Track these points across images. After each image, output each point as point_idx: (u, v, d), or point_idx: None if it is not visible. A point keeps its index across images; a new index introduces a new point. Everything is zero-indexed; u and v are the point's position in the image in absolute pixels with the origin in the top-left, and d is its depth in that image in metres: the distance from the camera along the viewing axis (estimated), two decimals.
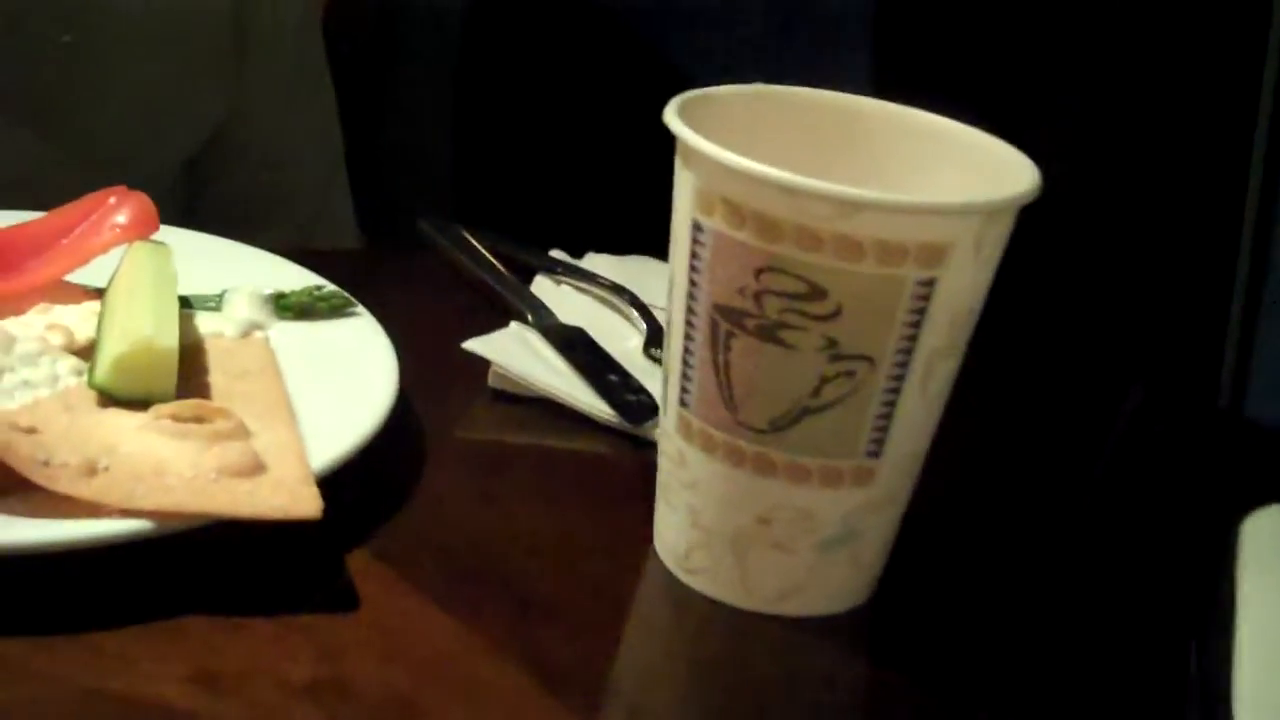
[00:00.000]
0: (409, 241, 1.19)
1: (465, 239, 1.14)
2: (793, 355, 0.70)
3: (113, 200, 0.91)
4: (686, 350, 0.74)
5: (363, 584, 0.74)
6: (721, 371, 0.72)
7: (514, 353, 0.96)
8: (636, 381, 0.95)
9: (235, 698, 0.66)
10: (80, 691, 0.65)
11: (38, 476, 0.69)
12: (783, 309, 0.69)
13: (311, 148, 1.40)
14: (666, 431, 0.77)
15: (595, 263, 1.13)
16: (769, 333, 0.70)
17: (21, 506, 0.70)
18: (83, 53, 1.19)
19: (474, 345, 0.95)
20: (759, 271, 0.69)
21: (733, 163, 0.68)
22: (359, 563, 0.75)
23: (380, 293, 0.97)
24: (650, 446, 0.90)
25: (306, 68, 1.39)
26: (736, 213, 0.69)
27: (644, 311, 1.05)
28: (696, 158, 0.70)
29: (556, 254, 1.14)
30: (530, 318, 1.02)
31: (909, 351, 0.70)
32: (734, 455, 0.73)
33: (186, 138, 1.29)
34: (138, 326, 0.78)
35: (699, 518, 0.76)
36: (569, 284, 1.10)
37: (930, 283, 0.69)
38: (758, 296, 0.69)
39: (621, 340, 1.02)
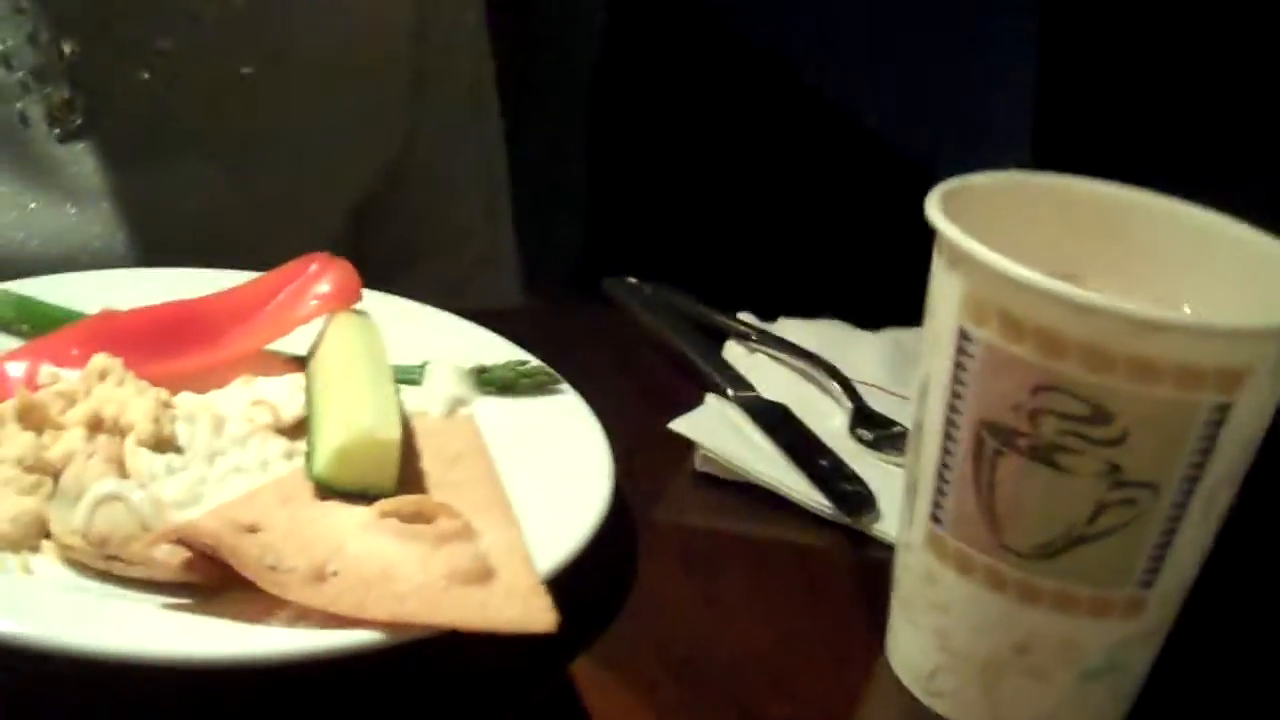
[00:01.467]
0: (579, 292, 1.15)
1: (654, 299, 1.10)
2: (1068, 479, 0.65)
3: (314, 268, 0.88)
4: (944, 464, 0.69)
5: (593, 700, 0.70)
6: (985, 490, 0.67)
7: (720, 434, 0.92)
8: (849, 468, 0.90)
9: None
10: None
11: (266, 582, 0.66)
12: (1061, 430, 0.64)
13: (477, 185, 1.37)
14: (912, 546, 0.72)
15: (788, 329, 1.08)
16: (1043, 454, 0.65)
17: (233, 609, 0.66)
18: (262, 88, 1.16)
19: (680, 426, 0.91)
20: (1037, 389, 0.64)
21: (1017, 275, 0.63)
22: (586, 673, 0.72)
23: (569, 358, 0.94)
24: (867, 541, 0.86)
25: (476, 100, 1.36)
26: (1015, 326, 0.64)
27: (845, 386, 1.00)
28: (970, 263, 0.65)
29: (746, 317, 1.10)
30: (729, 391, 0.97)
31: (1195, 479, 0.65)
32: (994, 579, 0.68)
33: (360, 179, 1.26)
34: (358, 416, 0.75)
35: (948, 641, 0.71)
36: (763, 352, 1.05)
37: (1225, 408, 0.63)
38: (1033, 415, 0.65)
39: (824, 418, 0.97)
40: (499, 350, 0.92)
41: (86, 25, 1.08)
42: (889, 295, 1.13)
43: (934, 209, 0.68)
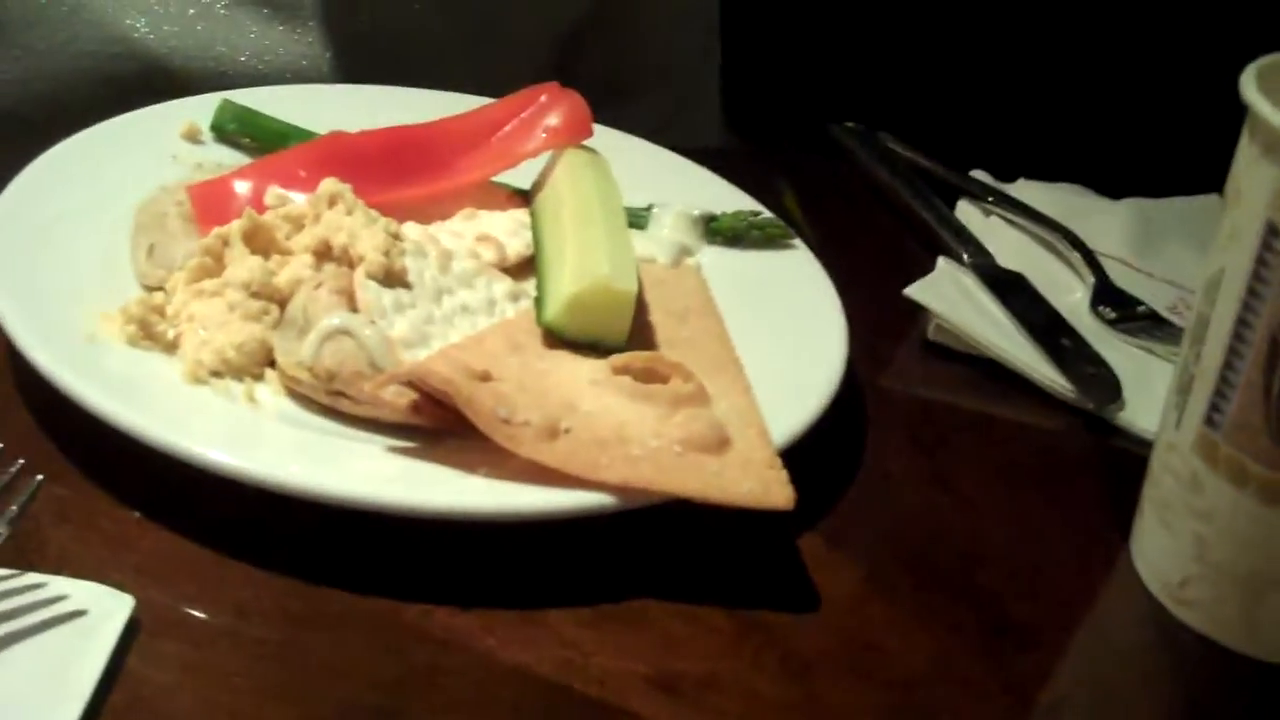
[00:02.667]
0: (789, 137, 1.09)
1: (886, 151, 1.04)
2: None
3: (544, 99, 0.84)
4: (1228, 366, 0.63)
5: (822, 580, 0.67)
6: (1275, 400, 0.62)
7: (956, 302, 0.86)
8: (1091, 349, 0.85)
9: (700, 710, 0.59)
10: (538, 677, 0.59)
11: (499, 435, 0.63)
12: None
13: (689, 18, 1.31)
14: (1177, 447, 0.67)
15: (1026, 191, 1.02)
16: None
17: (456, 458, 0.64)
18: None
19: (916, 292, 0.86)
20: None
21: None
22: (814, 550, 0.68)
23: (798, 200, 0.89)
24: (1109, 430, 0.81)
25: None
26: None
27: (1087, 258, 0.94)
28: None
29: (980, 175, 1.03)
30: (965, 256, 0.92)
31: None
32: (1271, 493, 0.63)
33: (570, 4, 1.20)
34: (594, 264, 0.71)
35: (1207, 551, 0.66)
36: (998, 215, 0.99)
37: None
38: None
39: (1063, 291, 0.91)
40: (728, 197, 0.88)
41: None
42: (1133, 162, 1.05)
43: (1250, 87, 0.61)
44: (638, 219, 0.84)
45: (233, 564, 0.61)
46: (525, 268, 0.78)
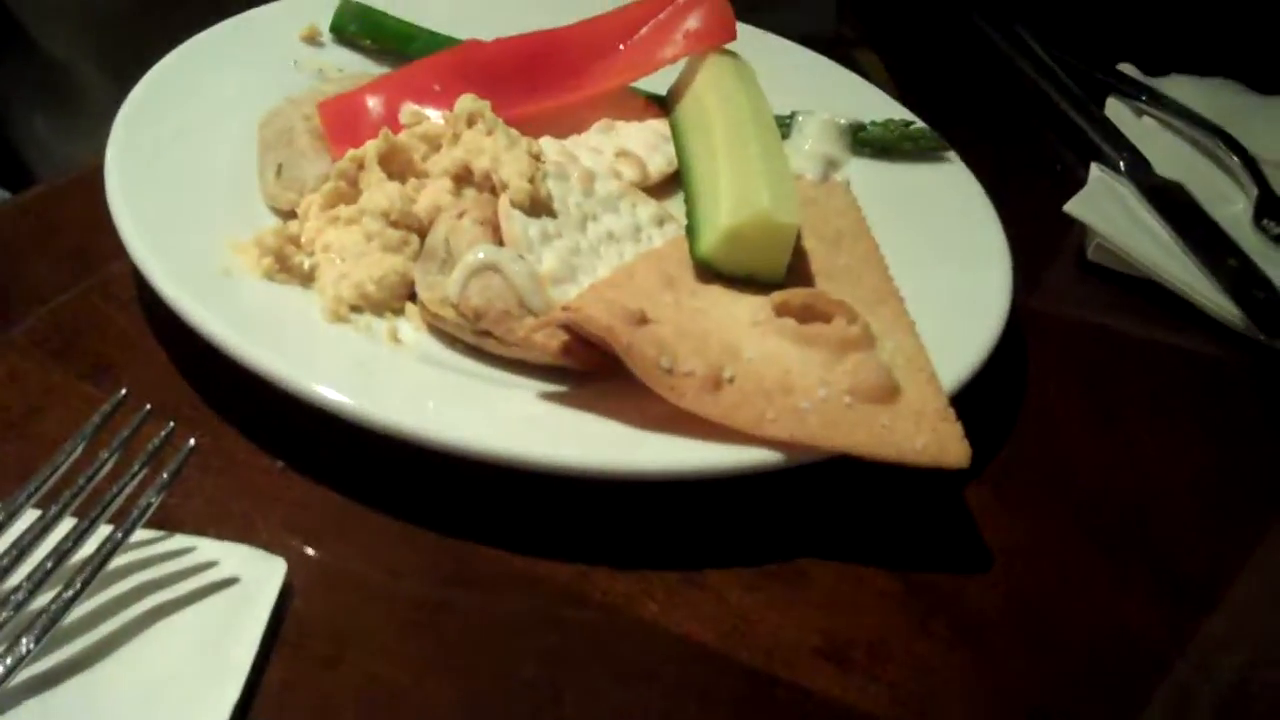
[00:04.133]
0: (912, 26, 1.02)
1: (1029, 45, 0.98)
2: None
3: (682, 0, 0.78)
4: None
5: (989, 534, 0.63)
6: None
7: (1117, 219, 0.81)
8: (1258, 270, 0.80)
9: (871, 682, 0.57)
10: (706, 649, 0.56)
11: (661, 386, 0.59)
12: None
13: None
14: None
15: (1178, 87, 0.95)
16: None
17: (612, 406, 0.60)
18: None
19: (1076, 209, 0.81)
20: None
21: None
22: (980, 500, 0.65)
23: (930, 103, 0.83)
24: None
25: None
26: None
27: (1250, 166, 0.88)
28: None
29: (1128, 70, 0.97)
30: (1122, 165, 0.86)
31: None
32: None
33: None
34: (752, 194, 0.66)
35: None
36: (1151, 115, 0.93)
37: None
38: None
39: (1226, 202, 0.86)
40: (875, 103, 0.83)
41: None
42: None
43: None
44: (782, 127, 0.79)
45: (381, 519, 0.58)
46: (667, 184, 0.74)
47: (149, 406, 0.54)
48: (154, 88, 0.71)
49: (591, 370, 0.62)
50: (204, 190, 0.67)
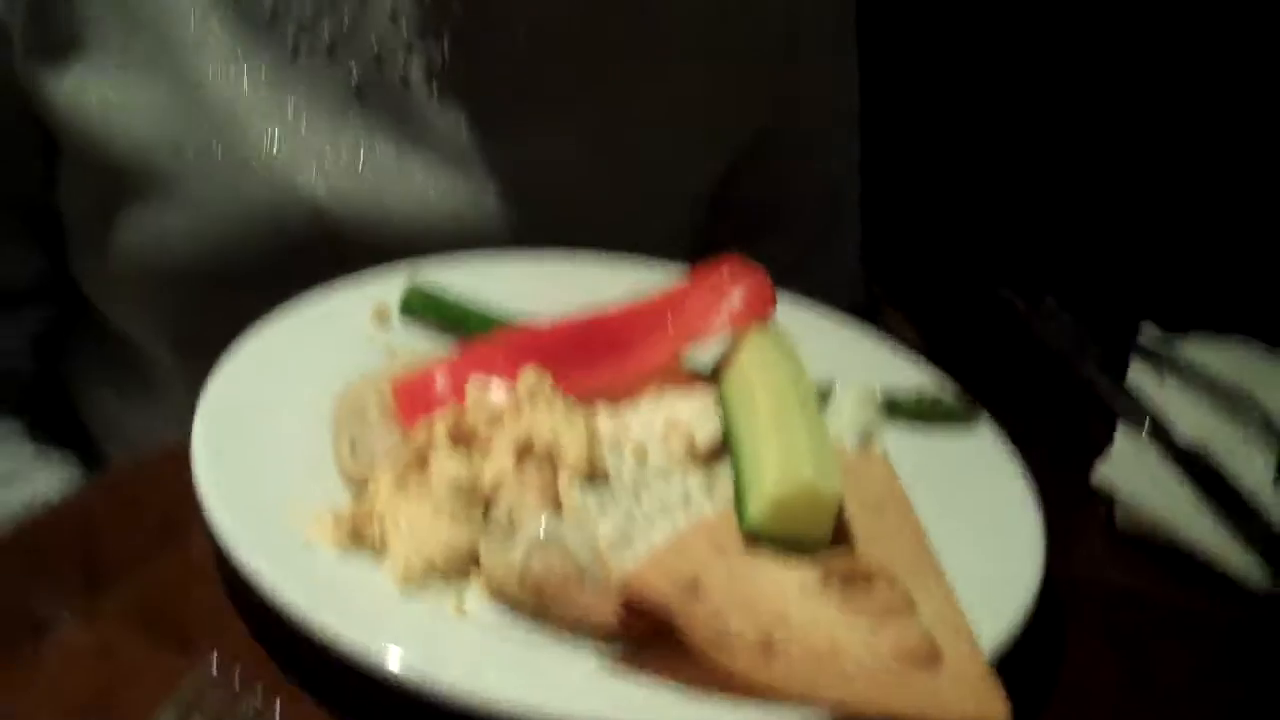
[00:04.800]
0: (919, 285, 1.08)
1: (1050, 311, 1.03)
2: None
3: (726, 275, 0.84)
4: None
5: None
6: None
7: (1143, 485, 0.85)
8: None
9: None
10: None
11: (715, 652, 0.63)
12: None
13: (827, 157, 1.31)
14: None
15: (1199, 349, 1.00)
16: None
17: (669, 667, 0.63)
18: (629, 53, 1.12)
19: (1104, 477, 0.85)
20: None
21: None
22: None
23: (962, 371, 0.88)
24: None
25: (836, 69, 1.29)
26: None
27: (1269, 426, 0.92)
28: None
29: (1149, 331, 1.02)
30: (1145, 429, 0.90)
31: None
32: None
33: (721, 146, 1.21)
34: (796, 465, 0.70)
35: None
36: (1173, 378, 0.97)
37: None
38: None
39: (1245, 461, 0.90)
40: (909, 373, 0.87)
41: None
42: None
43: None
44: (819, 397, 0.84)
45: None
46: (716, 452, 0.78)
47: (236, 677, 0.57)
48: (235, 370, 0.77)
49: (649, 635, 0.66)
50: (283, 466, 0.72)
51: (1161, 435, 0.90)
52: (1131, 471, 0.86)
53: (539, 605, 0.66)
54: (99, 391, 1.18)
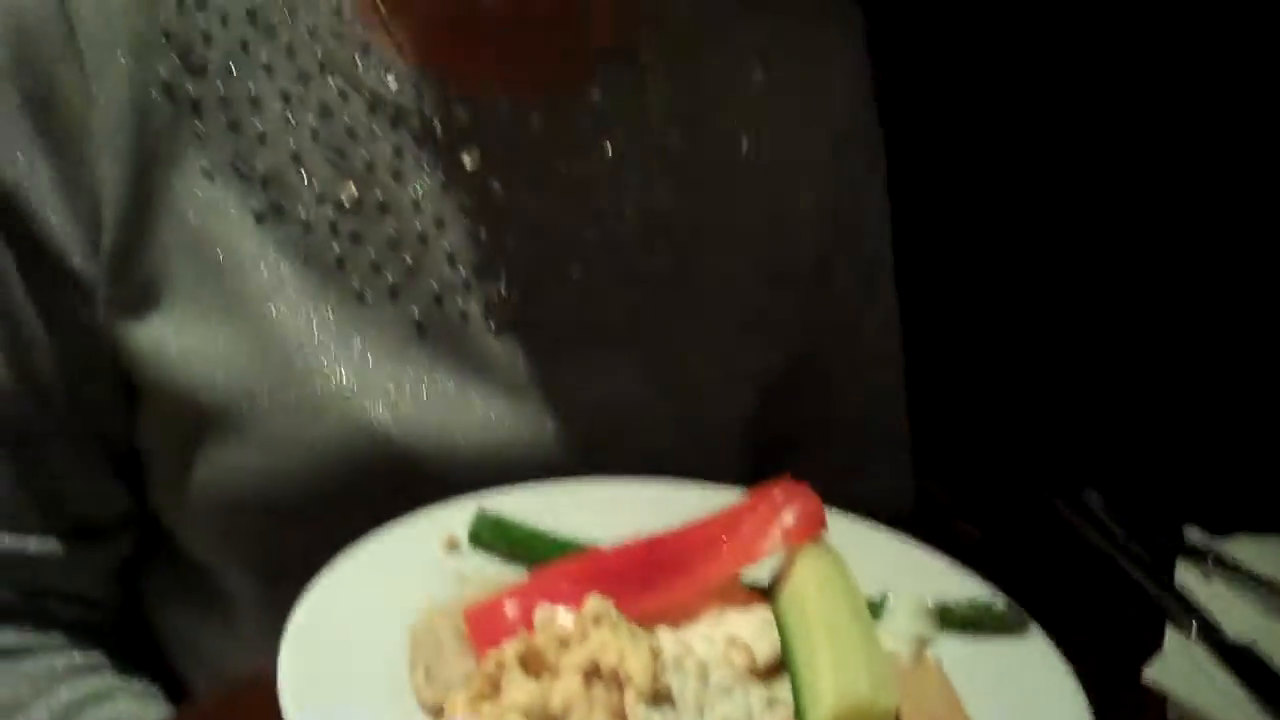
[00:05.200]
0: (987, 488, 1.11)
1: (1095, 514, 1.06)
2: None
3: (778, 496, 0.88)
4: None
5: None
6: None
7: (1194, 684, 0.87)
8: None
9: None
10: None
11: None
12: None
13: (871, 367, 1.35)
14: None
15: (1244, 549, 1.03)
16: None
17: None
18: (678, 279, 1.18)
19: (1154, 677, 0.87)
20: None
21: None
22: None
23: (1018, 581, 0.90)
24: None
25: (873, 282, 1.34)
26: None
27: None
28: None
29: (1195, 535, 1.05)
30: (1194, 629, 0.93)
31: None
32: None
33: (767, 364, 1.25)
34: (853, 679, 0.74)
35: None
36: (1220, 577, 1.00)
37: None
38: None
39: None
40: (958, 580, 0.90)
41: (525, 222, 1.11)
42: None
43: None
44: (872, 610, 0.87)
45: None
46: (775, 667, 0.81)
47: None
48: (315, 603, 0.81)
49: None
50: (365, 696, 0.75)
51: (1210, 634, 0.92)
52: (1182, 671, 0.88)
53: None
54: (176, 614, 1.22)
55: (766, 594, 0.87)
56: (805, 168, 1.21)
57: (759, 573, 0.88)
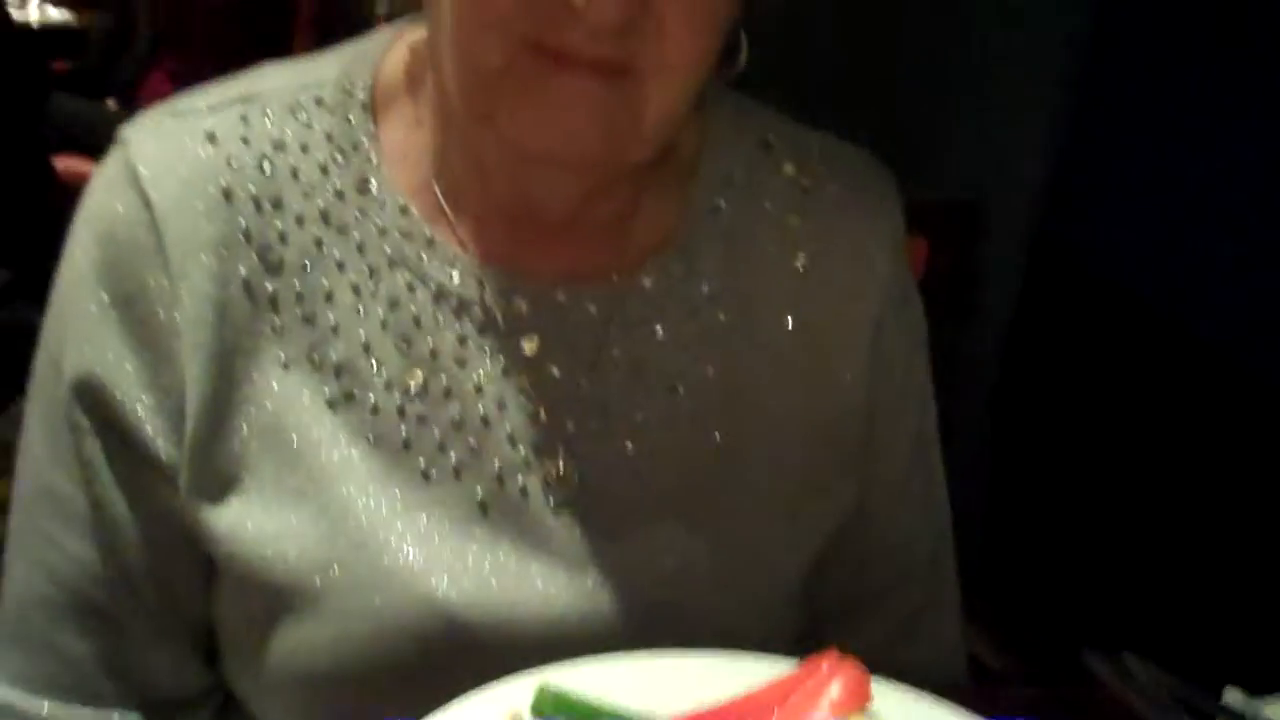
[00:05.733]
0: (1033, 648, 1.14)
1: (1135, 675, 1.09)
2: None
3: (825, 668, 0.92)
4: None
5: None
6: None
7: None
8: None
9: None
10: None
11: None
12: None
13: (922, 531, 1.38)
14: None
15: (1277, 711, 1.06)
16: None
17: None
18: (728, 450, 1.22)
19: None
20: None
21: None
22: None
23: None
24: None
25: (921, 445, 1.38)
26: None
27: None
28: None
29: (1233, 697, 1.07)
30: None
31: None
32: None
33: (818, 531, 1.29)
34: None
35: None
36: None
37: None
38: None
39: None
40: None
41: (581, 402, 1.17)
42: None
43: None
44: None
45: None
46: None
47: None
48: None
49: None
50: None
51: None
52: None
53: None
54: None
55: None
56: (847, 347, 1.26)
57: None
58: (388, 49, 1.20)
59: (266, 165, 1.13)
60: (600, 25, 1.00)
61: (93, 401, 1.12)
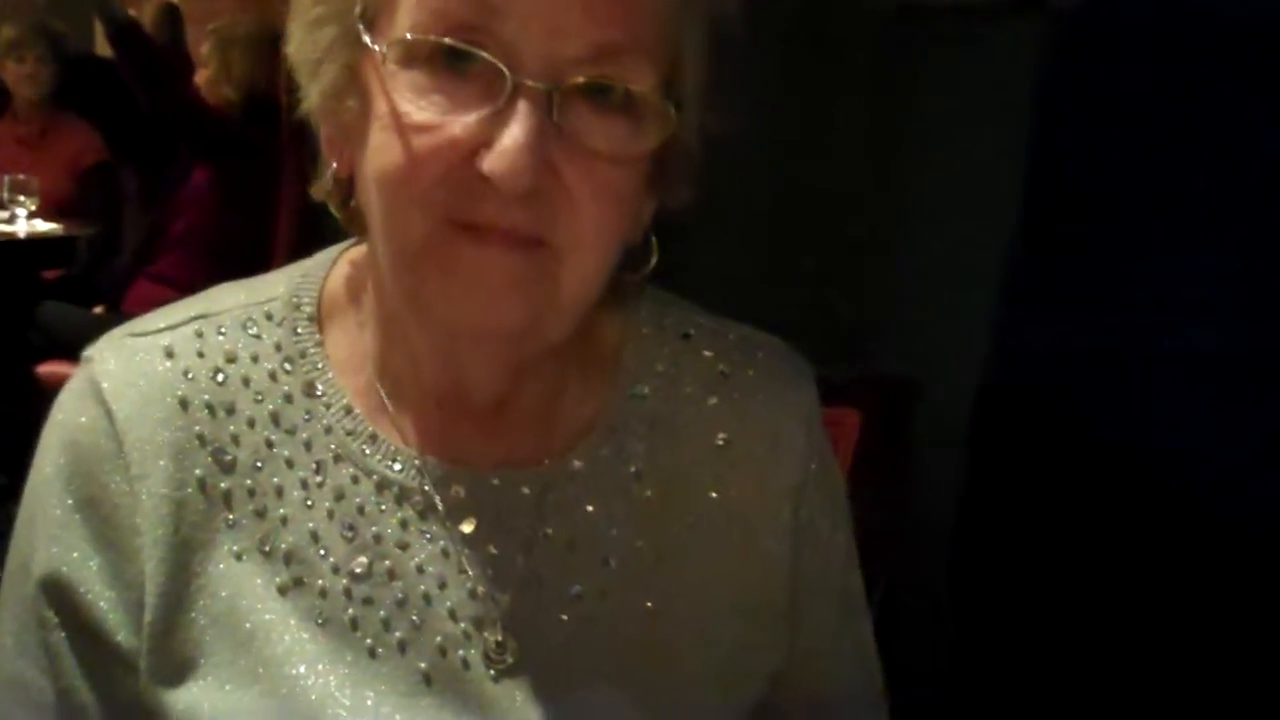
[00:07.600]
0: None
1: None
2: None
3: None
4: None
5: None
6: None
7: None
8: None
9: None
10: None
11: None
12: None
13: (851, 689, 1.45)
14: None
15: None
16: None
17: None
18: (660, 617, 1.30)
19: None
20: None
21: None
22: None
23: None
24: None
25: (847, 606, 1.45)
26: None
27: None
28: None
29: None
30: None
31: None
32: None
33: (748, 689, 1.35)
34: None
35: None
36: None
37: None
38: None
39: None
40: None
41: (517, 578, 1.25)
42: None
43: None
44: None
45: None
46: None
47: None
48: None
49: None
50: None
51: None
52: None
53: None
54: None
55: None
56: (768, 516, 1.35)
57: None
58: (331, 266, 1.31)
59: (220, 375, 1.24)
60: (512, 193, 1.09)
61: (59, 597, 1.20)
